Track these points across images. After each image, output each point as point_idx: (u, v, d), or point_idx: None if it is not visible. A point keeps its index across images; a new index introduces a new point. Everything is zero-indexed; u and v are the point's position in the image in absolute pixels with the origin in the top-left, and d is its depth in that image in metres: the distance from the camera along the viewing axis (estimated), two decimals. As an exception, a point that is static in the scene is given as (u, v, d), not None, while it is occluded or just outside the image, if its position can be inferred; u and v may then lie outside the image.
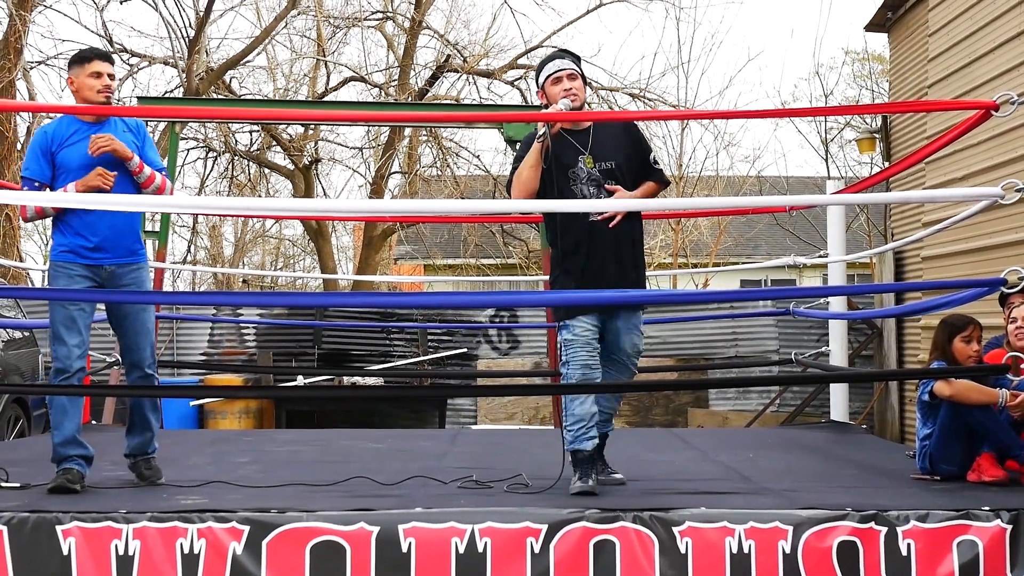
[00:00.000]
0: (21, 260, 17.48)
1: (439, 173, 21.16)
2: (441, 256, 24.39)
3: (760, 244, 26.16)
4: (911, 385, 12.61)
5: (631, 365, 6.09)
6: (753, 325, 14.91)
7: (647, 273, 6.39)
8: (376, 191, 21.25)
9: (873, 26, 14.38)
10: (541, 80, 6.15)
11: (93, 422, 9.77)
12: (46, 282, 7.47)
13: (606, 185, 5.99)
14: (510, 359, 15.07)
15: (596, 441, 5.91)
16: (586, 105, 6.24)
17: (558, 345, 5.98)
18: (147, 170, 6.07)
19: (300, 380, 13.81)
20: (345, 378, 14.12)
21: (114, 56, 6.24)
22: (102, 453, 6.65)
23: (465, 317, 15.08)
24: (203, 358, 14.82)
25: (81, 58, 6.10)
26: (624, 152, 6.07)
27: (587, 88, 6.30)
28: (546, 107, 6.09)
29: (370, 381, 13.49)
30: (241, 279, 25.85)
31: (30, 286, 10.61)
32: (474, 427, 13.83)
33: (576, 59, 6.18)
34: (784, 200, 8.45)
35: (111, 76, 6.10)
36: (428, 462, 6.95)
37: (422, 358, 14.91)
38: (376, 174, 21.56)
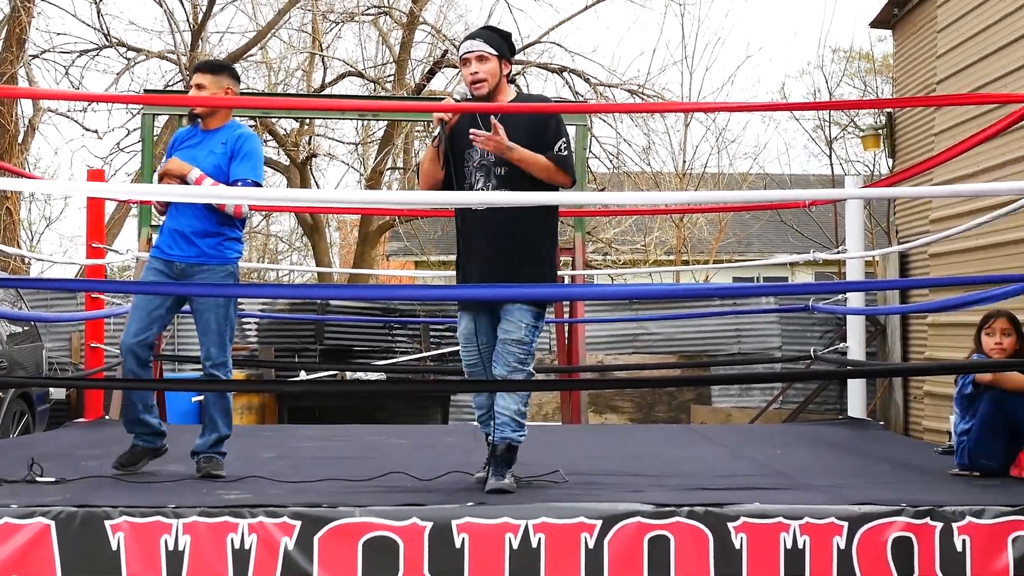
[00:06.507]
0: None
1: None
2: (435, 252, 24.31)
3: (753, 242, 26.18)
4: (916, 382, 12.62)
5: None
6: (756, 321, 14.90)
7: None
8: (372, 187, 21.16)
9: (878, 23, 14.38)
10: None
11: (106, 417, 9.71)
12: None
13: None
14: (513, 355, 14.99)
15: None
16: (505, 82, 5.85)
17: (522, 346, 5.76)
18: (206, 183, 6.17)
19: (303, 375, 13.75)
20: (348, 374, 14.05)
21: (215, 60, 6.51)
22: (113, 448, 6.65)
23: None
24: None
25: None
26: (524, 136, 5.69)
27: (499, 62, 5.79)
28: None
29: (374, 377, 13.42)
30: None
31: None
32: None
33: (493, 36, 5.83)
34: (805, 195, 8.43)
35: (198, 86, 6.32)
36: (458, 457, 6.90)
37: (425, 354, 14.86)
38: (372, 170, 21.47)
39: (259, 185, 6.38)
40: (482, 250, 5.81)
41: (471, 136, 5.66)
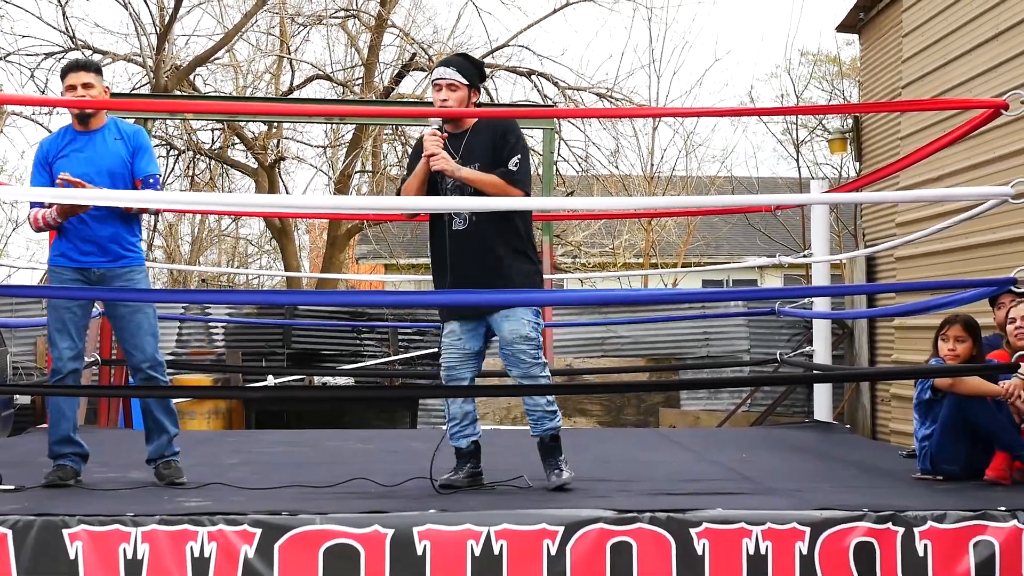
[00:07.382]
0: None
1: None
2: (404, 255, 24.25)
3: (722, 245, 26.23)
4: (883, 384, 12.66)
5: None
6: (724, 325, 14.93)
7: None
8: (341, 190, 21.12)
9: (844, 27, 14.44)
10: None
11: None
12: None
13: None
14: (481, 359, 14.97)
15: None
16: (471, 106, 5.93)
17: (530, 342, 5.82)
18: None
19: (270, 380, 13.68)
20: (315, 378, 14.00)
21: (93, 60, 6.24)
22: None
23: (435, 316, 14.97)
24: (171, 357, 14.61)
25: (61, 75, 6.12)
26: (489, 155, 5.82)
27: (468, 91, 5.88)
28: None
29: (342, 381, 13.37)
30: (199, 277, 25.59)
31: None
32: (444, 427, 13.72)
33: (466, 64, 5.94)
34: (770, 199, 8.41)
35: (85, 85, 6.04)
36: (423, 463, 6.83)
37: (393, 358, 14.81)
38: (341, 173, 21.42)
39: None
40: (462, 273, 5.83)
41: (424, 156, 5.77)
